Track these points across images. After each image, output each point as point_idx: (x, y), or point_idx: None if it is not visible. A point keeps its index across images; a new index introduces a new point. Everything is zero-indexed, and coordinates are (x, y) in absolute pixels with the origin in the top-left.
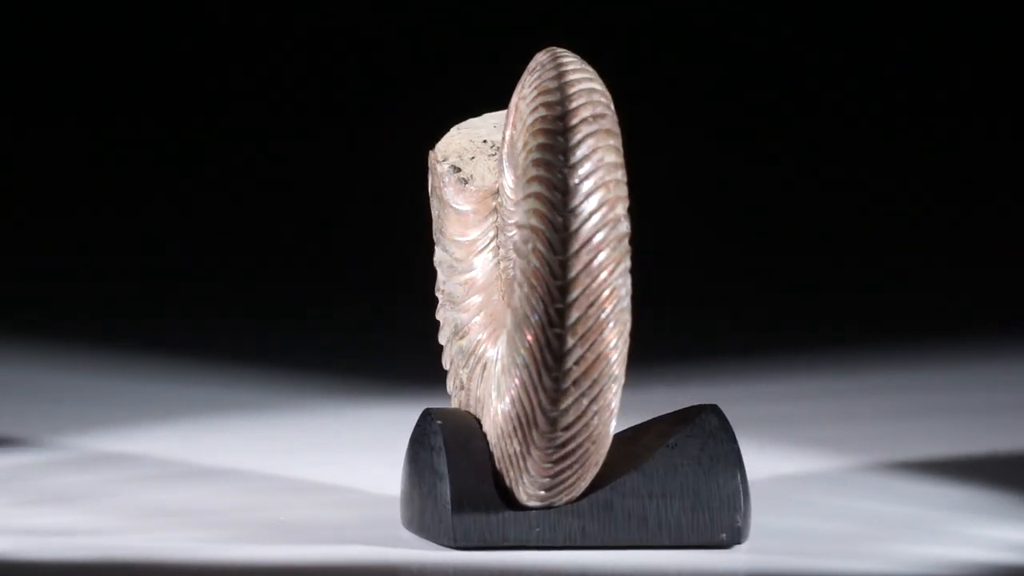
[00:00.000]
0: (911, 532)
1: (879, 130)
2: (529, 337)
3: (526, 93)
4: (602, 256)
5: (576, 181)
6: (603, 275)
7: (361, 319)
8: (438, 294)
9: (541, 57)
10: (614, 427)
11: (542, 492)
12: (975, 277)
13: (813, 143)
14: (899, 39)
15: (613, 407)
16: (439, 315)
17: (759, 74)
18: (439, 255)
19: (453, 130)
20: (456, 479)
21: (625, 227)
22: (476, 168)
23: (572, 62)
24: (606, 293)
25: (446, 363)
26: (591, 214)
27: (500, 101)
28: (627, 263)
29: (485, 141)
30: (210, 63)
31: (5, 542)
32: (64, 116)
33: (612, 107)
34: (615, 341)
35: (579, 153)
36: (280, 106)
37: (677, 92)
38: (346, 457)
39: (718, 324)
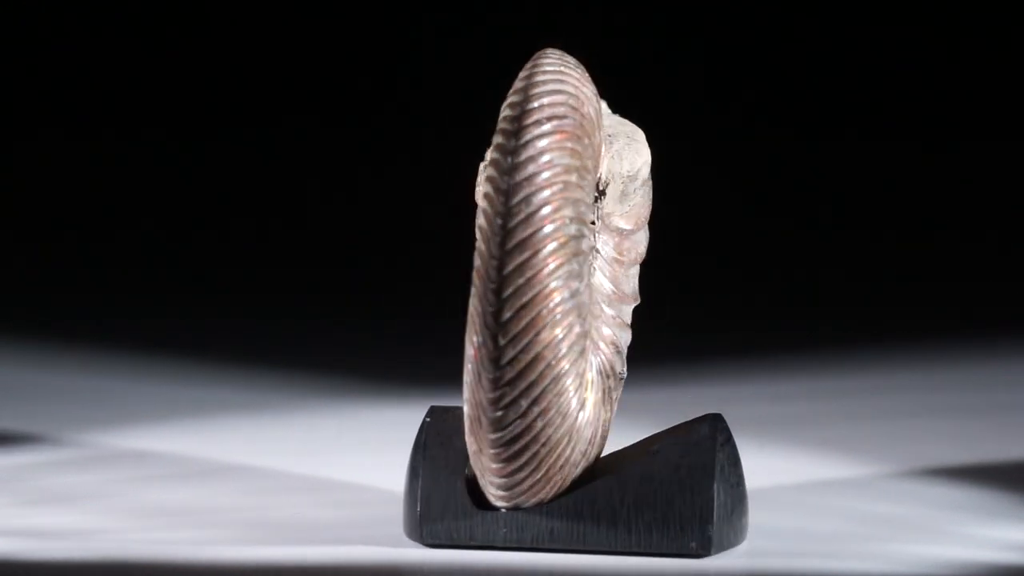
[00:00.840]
0: (911, 532)
1: (879, 129)
2: (473, 337)
3: (507, 95)
4: (539, 258)
5: (516, 181)
6: (538, 276)
7: (364, 319)
8: None
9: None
10: (578, 429)
11: (502, 492)
12: (975, 277)
13: (813, 143)
14: (899, 39)
15: (566, 410)
16: None
17: (758, 75)
18: None
19: None
20: (428, 477)
21: (573, 229)
22: None
23: (549, 63)
24: (542, 294)
25: None
26: (530, 215)
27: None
28: (574, 265)
29: None
30: (209, 64)
31: (5, 542)
32: (64, 116)
33: (586, 110)
34: (556, 343)
35: (524, 155)
36: (280, 106)
37: (676, 92)
38: (348, 457)
39: (718, 324)
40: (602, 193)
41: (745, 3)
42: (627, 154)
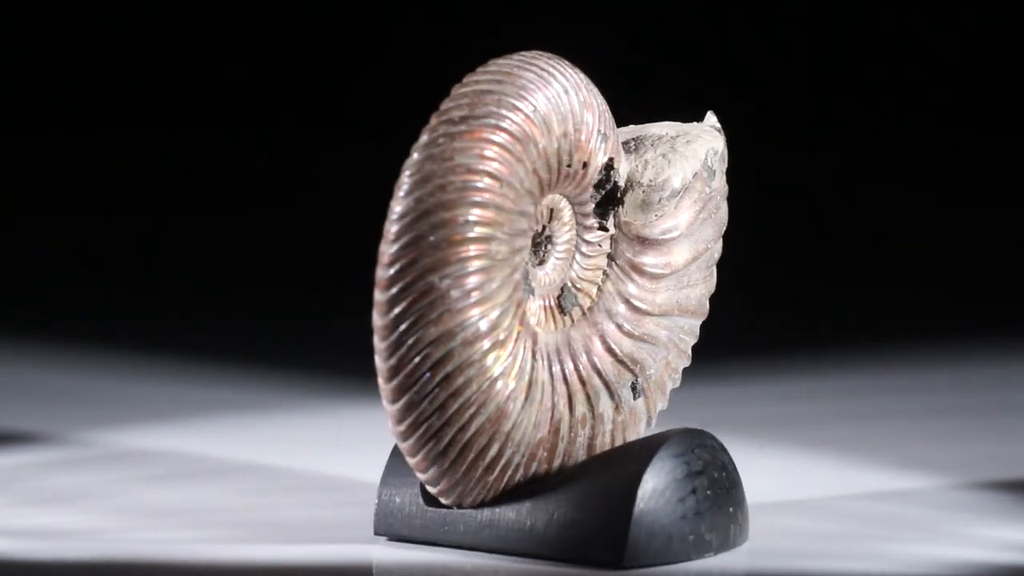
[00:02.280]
0: (911, 532)
1: (878, 131)
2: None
3: None
4: (425, 256)
5: (414, 178)
6: (422, 275)
7: (363, 319)
8: None
9: None
10: (504, 431)
11: (432, 489)
12: (975, 277)
13: (813, 144)
14: (899, 39)
15: (471, 410)
16: None
17: (758, 75)
18: None
19: None
20: (389, 473)
21: (476, 231)
22: None
23: (500, 64)
24: (425, 294)
25: None
26: (421, 214)
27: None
28: (473, 265)
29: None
30: (209, 64)
31: (5, 542)
32: (64, 117)
33: (530, 112)
34: (442, 341)
35: (425, 153)
36: (280, 106)
37: (675, 93)
38: (348, 457)
39: (718, 324)
40: (619, 200)
41: (745, 3)
42: (656, 163)
